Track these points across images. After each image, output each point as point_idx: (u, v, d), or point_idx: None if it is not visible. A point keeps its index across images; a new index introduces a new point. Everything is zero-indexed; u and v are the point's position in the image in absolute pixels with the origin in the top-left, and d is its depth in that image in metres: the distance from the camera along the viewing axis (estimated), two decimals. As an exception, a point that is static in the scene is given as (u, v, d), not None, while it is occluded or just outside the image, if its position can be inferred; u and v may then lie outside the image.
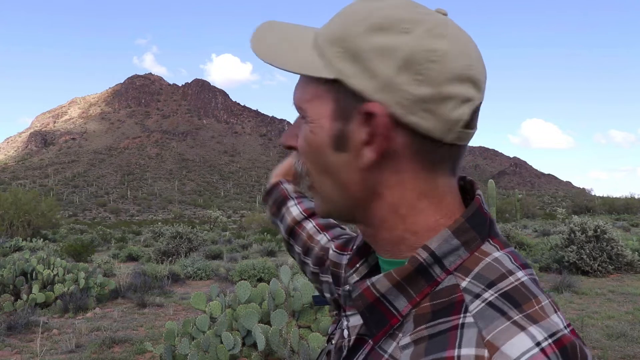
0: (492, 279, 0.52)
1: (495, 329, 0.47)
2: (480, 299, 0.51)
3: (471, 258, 0.55)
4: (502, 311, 0.49)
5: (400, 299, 0.55)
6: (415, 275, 0.55)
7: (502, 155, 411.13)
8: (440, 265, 0.55)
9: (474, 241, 0.56)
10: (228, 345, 3.94)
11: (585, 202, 59.68)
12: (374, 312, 0.57)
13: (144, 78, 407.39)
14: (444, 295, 0.53)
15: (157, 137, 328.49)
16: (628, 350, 5.62)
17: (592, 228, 11.50)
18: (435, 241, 0.55)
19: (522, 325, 0.48)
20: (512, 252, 0.57)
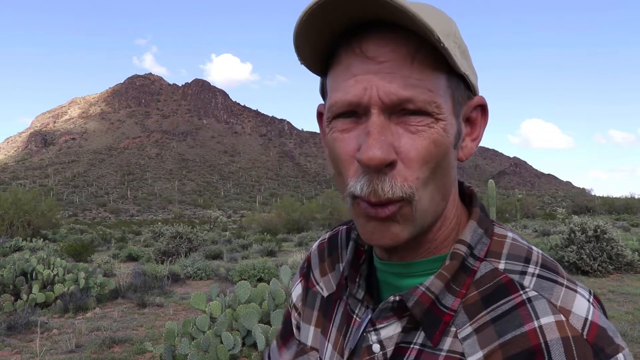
0: (525, 255, 0.57)
1: (560, 296, 0.53)
2: (529, 274, 0.55)
3: (493, 243, 0.59)
4: (553, 280, 0.55)
5: (448, 296, 0.56)
6: (460, 269, 0.57)
7: (502, 155, 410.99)
8: (473, 256, 0.58)
9: (490, 227, 0.61)
10: (228, 345, 3.94)
11: (585, 202, 59.69)
12: (429, 315, 0.57)
13: (144, 78, 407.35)
14: (487, 281, 0.56)
15: (157, 137, 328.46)
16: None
17: (592, 228, 11.50)
18: (467, 234, 0.59)
19: (574, 289, 0.54)
20: (513, 230, 0.63)
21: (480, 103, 0.60)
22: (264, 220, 38.98)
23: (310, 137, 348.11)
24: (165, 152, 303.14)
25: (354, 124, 0.54)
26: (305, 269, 0.81)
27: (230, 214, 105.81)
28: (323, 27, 0.52)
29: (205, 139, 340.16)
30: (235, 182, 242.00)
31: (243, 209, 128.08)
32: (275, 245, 20.89)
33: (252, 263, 11.76)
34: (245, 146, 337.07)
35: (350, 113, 0.54)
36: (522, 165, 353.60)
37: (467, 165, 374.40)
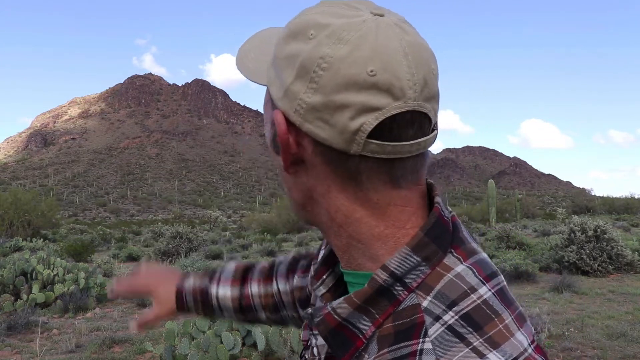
0: (453, 298, 0.50)
1: (453, 357, 0.46)
2: (440, 321, 0.49)
3: (432, 274, 0.52)
4: (461, 336, 0.47)
5: (364, 320, 0.53)
6: (376, 297, 0.52)
7: (502, 155, 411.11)
8: (402, 284, 0.52)
9: (434, 255, 0.53)
10: (228, 345, 3.94)
11: (585, 202, 59.61)
12: (337, 335, 0.55)
13: (144, 78, 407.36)
14: (405, 315, 0.51)
15: (157, 137, 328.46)
16: (628, 350, 5.62)
17: (592, 228, 11.50)
18: (394, 260, 0.53)
19: (482, 352, 0.46)
20: (476, 263, 0.54)
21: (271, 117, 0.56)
22: (264, 220, 38.93)
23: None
24: (165, 152, 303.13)
25: None
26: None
27: (230, 214, 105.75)
28: None
29: (205, 139, 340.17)
30: (235, 182, 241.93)
31: (243, 209, 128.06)
32: (275, 245, 20.89)
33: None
34: (245, 146, 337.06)
35: None
36: (522, 165, 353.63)
37: (467, 165, 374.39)
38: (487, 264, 0.55)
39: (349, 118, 0.49)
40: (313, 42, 0.50)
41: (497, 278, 0.54)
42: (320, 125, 0.50)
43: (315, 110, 0.50)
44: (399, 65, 0.49)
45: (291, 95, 0.52)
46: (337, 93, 0.49)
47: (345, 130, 0.49)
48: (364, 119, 0.49)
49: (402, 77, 0.49)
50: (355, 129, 0.49)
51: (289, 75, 0.52)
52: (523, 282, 10.28)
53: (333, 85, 0.49)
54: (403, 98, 0.49)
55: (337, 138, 0.50)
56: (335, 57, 0.49)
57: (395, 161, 0.52)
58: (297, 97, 0.51)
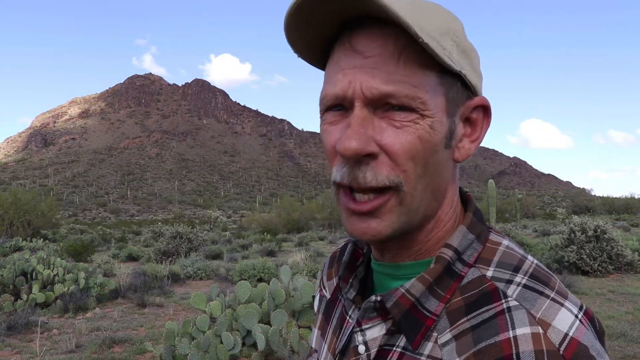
0: (515, 264, 0.56)
1: (541, 308, 0.51)
2: (514, 283, 0.53)
3: (485, 249, 0.58)
4: (539, 291, 0.52)
5: (431, 299, 0.56)
6: (444, 274, 0.56)
7: (502, 155, 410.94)
8: (461, 261, 0.57)
9: (483, 233, 0.59)
10: (228, 345, 3.94)
11: (585, 202, 59.64)
12: (409, 317, 0.56)
13: (144, 78, 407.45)
14: (472, 287, 0.55)
15: (157, 137, 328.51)
16: (628, 350, 5.62)
17: (592, 228, 11.50)
18: (455, 238, 0.58)
19: (560, 302, 0.52)
20: (510, 239, 0.61)
21: (482, 104, 0.58)
22: (264, 220, 38.94)
23: (310, 137, 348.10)
24: (165, 152, 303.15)
25: (341, 117, 0.55)
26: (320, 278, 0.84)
27: (230, 214, 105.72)
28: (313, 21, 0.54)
29: (205, 139, 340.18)
30: (235, 182, 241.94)
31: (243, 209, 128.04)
32: (275, 245, 20.90)
33: (252, 263, 11.76)
34: (245, 146, 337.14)
35: (339, 106, 0.55)
36: (522, 165, 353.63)
37: (467, 165, 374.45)
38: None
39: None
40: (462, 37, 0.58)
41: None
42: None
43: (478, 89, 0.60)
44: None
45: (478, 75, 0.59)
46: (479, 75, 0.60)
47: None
48: None
49: None
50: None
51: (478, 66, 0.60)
52: (523, 282, 10.29)
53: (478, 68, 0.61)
54: None
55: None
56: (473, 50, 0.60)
57: None
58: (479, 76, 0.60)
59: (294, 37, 0.56)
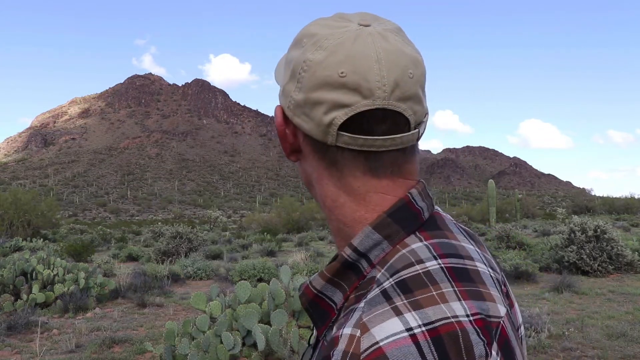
0: (398, 268, 0.55)
1: (373, 313, 0.51)
2: (380, 287, 0.54)
3: (392, 251, 0.58)
4: (388, 297, 0.52)
5: (337, 293, 0.60)
6: (345, 271, 0.59)
7: (502, 155, 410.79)
8: (367, 260, 0.58)
9: (396, 234, 0.58)
10: (228, 345, 3.93)
11: (585, 202, 59.58)
12: (315, 307, 0.62)
13: (144, 78, 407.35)
14: (364, 287, 0.57)
15: (157, 137, 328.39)
16: (628, 350, 5.61)
17: (592, 228, 11.50)
18: (357, 238, 0.59)
19: (400, 311, 0.50)
20: (437, 244, 0.57)
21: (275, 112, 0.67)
22: (264, 220, 38.93)
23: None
24: (165, 152, 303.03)
25: None
26: None
27: (230, 214, 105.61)
28: None
29: (205, 139, 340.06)
30: (235, 182, 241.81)
31: (243, 209, 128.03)
32: (275, 245, 20.89)
33: (252, 263, 11.75)
34: (245, 146, 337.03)
35: None
36: (522, 165, 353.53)
37: (467, 165, 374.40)
38: (453, 246, 0.58)
39: (323, 113, 0.58)
40: (303, 49, 0.60)
41: (458, 259, 0.56)
42: (304, 118, 0.60)
43: (299, 105, 0.60)
44: (369, 69, 0.56)
45: (285, 93, 0.63)
46: (314, 91, 0.58)
47: (321, 124, 0.58)
48: (335, 114, 0.57)
49: (371, 79, 0.56)
50: (328, 122, 0.57)
51: (286, 76, 0.63)
52: (523, 282, 10.28)
53: (311, 85, 0.58)
54: (371, 97, 0.56)
55: (316, 130, 0.59)
56: (314, 61, 0.58)
57: (370, 153, 0.59)
58: (289, 94, 0.62)
59: None
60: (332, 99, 0.57)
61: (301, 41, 0.61)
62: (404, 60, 0.57)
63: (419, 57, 0.61)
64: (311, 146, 0.62)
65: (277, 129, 0.64)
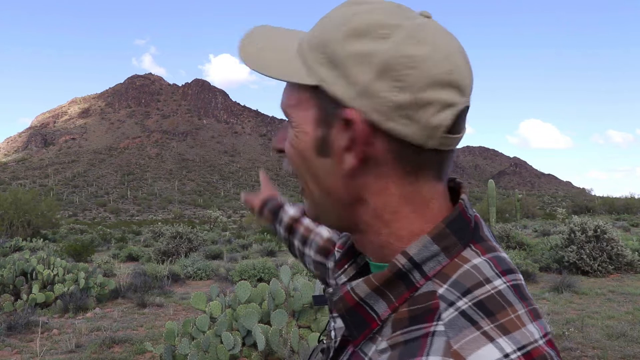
0: (468, 287, 0.52)
1: (463, 339, 0.48)
2: (454, 307, 0.51)
3: (451, 264, 0.55)
4: (473, 321, 0.49)
5: (381, 303, 0.55)
6: (395, 280, 0.55)
7: (502, 155, 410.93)
8: (420, 271, 0.55)
9: (454, 247, 0.56)
10: (228, 345, 3.94)
11: (585, 202, 59.60)
12: (354, 315, 0.57)
13: (143, 78, 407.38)
14: (421, 301, 0.53)
15: (157, 137, 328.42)
16: (628, 350, 5.62)
17: (592, 228, 11.50)
18: (414, 247, 0.55)
19: (492, 337, 0.48)
20: (494, 258, 0.56)
21: (343, 117, 0.55)
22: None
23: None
24: (165, 152, 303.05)
25: None
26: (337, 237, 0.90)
27: (230, 214, 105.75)
28: None
29: (205, 139, 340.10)
30: (235, 182, 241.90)
31: (243, 209, 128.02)
32: (275, 245, 20.89)
33: (252, 263, 11.76)
34: (245, 146, 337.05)
35: None
36: (522, 165, 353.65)
37: (467, 165, 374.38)
38: (505, 261, 0.57)
39: (431, 114, 0.52)
40: (390, 41, 0.52)
41: (514, 275, 0.55)
42: (404, 122, 0.52)
43: (400, 108, 0.52)
44: (464, 65, 0.54)
45: (372, 93, 0.53)
46: (424, 91, 0.52)
47: (428, 126, 0.52)
48: (444, 115, 0.52)
49: (467, 75, 0.54)
50: (437, 125, 0.52)
51: (366, 74, 0.53)
52: (523, 282, 10.29)
53: (421, 84, 0.51)
54: (466, 95, 0.54)
55: (419, 134, 0.53)
56: (420, 56, 0.51)
57: (444, 153, 0.56)
58: (379, 95, 0.52)
59: None
60: (442, 99, 0.52)
61: (376, 31, 0.53)
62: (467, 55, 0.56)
63: None
64: (396, 153, 0.55)
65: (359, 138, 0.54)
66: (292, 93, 0.59)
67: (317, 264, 1.00)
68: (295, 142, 0.59)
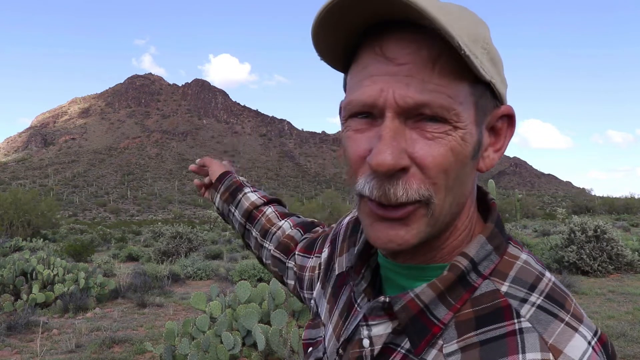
0: (532, 282, 0.54)
1: (555, 332, 0.49)
2: (529, 302, 0.52)
3: (502, 262, 0.56)
4: (553, 314, 0.51)
5: (440, 307, 0.54)
6: (456, 283, 0.54)
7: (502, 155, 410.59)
8: (476, 271, 0.55)
9: (502, 245, 0.57)
10: (228, 345, 3.94)
11: (585, 202, 59.63)
12: (416, 323, 0.55)
13: (144, 78, 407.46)
14: (485, 301, 0.53)
15: (157, 137, 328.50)
16: (628, 350, 5.62)
17: (592, 228, 11.50)
18: (473, 248, 0.55)
19: (574, 326, 0.50)
20: (530, 252, 0.59)
21: (507, 113, 0.56)
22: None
23: (310, 137, 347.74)
24: (165, 152, 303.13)
25: (369, 125, 0.53)
26: (336, 238, 0.82)
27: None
28: (341, 25, 0.52)
29: (205, 139, 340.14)
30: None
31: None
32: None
33: (252, 263, 11.75)
34: (245, 146, 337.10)
35: (366, 114, 0.53)
36: (522, 165, 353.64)
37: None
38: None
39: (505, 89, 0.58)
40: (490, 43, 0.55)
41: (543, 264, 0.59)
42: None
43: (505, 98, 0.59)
44: None
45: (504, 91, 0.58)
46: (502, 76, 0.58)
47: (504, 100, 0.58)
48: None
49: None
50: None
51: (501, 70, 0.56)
52: (523, 282, 10.29)
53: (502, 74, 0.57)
54: None
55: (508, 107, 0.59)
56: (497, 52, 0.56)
57: None
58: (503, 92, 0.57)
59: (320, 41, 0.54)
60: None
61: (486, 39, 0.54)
62: None
63: None
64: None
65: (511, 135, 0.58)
66: (457, 87, 0.51)
67: (276, 259, 0.96)
68: (462, 146, 0.52)
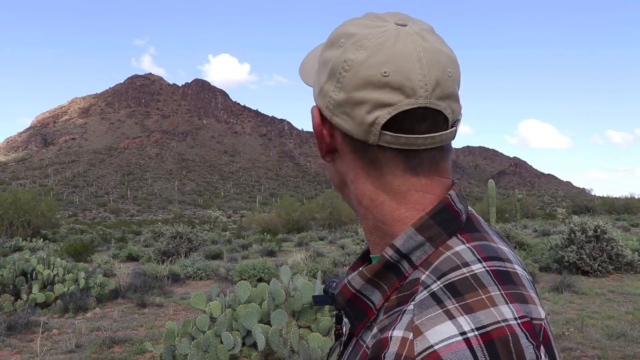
0: (444, 271, 0.55)
1: (425, 316, 0.51)
2: (428, 289, 0.54)
3: (435, 253, 0.58)
4: (439, 300, 0.52)
5: (376, 293, 0.60)
6: (385, 271, 0.59)
7: (502, 155, 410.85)
8: (408, 261, 0.59)
9: (438, 236, 0.59)
10: (228, 345, 3.94)
11: (585, 202, 59.54)
12: (353, 306, 0.62)
13: (143, 78, 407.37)
14: (407, 288, 0.57)
15: (157, 137, 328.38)
16: (628, 350, 5.62)
17: (592, 228, 11.50)
18: (400, 239, 0.59)
19: (452, 315, 0.50)
20: (479, 246, 0.58)
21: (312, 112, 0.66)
22: (264, 220, 38.97)
23: (310, 137, 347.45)
24: (165, 152, 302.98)
25: None
26: None
27: (230, 214, 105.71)
28: None
29: (205, 139, 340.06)
30: (235, 182, 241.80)
31: (243, 209, 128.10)
32: (275, 245, 20.88)
33: (252, 263, 11.75)
34: (245, 146, 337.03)
35: None
36: (522, 165, 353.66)
37: (467, 165, 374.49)
38: (493, 249, 0.58)
39: (365, 112, 0.58)
40: (341, 49, 0.60)
41: (501, 262, 0.57)
42: (344, 118, 0.60)
43: (340, 105, 0.60)
44: (411, 68, 0.56)
45: (324, 93, 0.63)
46: (356, 91, 0.58)
47: (363, 123, 0.58)
48: (378, 113, 0.57)
49: (414, 78, 0.56)
50: (371, 122, 0.58)
51: (323, 76, 0.63)
52: (523, 282, 10.28)
53: (353, 84, 0.58)
54: (414, 96, 0.56)
55: (357, 129, 0.59)
56: (356, 60, 0.58)
57: (410, 152, 0.60)
58: (328, 94, 0.62)
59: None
60: (375, 99, 0.57)
61: (338, 41, 0.61)
62: (443, 59, 0.58)
63: (455, 56, 0.61)
64: (350, 146, 0.62)
65: (314, 129, 0.64)
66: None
67: None
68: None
